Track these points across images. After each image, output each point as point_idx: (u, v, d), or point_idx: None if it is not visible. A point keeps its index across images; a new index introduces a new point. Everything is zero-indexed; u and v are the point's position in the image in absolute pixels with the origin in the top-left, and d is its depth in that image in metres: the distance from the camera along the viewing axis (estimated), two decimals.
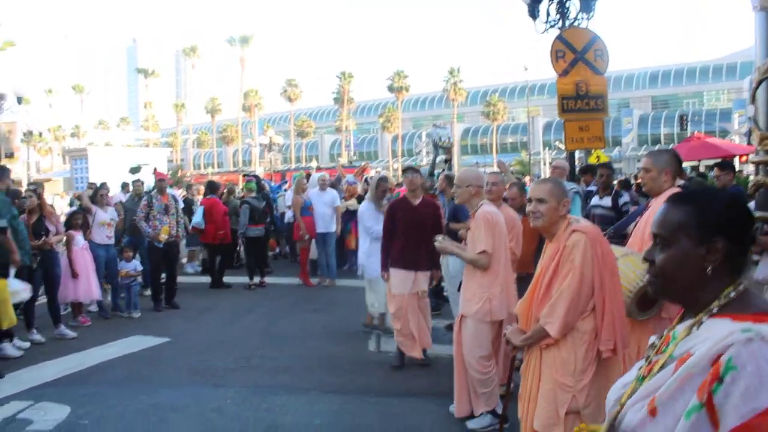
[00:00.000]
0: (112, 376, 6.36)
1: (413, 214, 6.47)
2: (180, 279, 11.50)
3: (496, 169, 11.43)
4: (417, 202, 6.55)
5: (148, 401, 5.50)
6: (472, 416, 4.77)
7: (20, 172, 36.70)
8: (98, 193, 9.54)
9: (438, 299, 9.20)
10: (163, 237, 9.47)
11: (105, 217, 9.24)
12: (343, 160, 54.20)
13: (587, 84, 9.08)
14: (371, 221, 7.80)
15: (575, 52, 9.07)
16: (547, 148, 53.81)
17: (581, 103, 9.13)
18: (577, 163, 10.44)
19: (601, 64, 9.17)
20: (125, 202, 10.78)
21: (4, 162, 24.11)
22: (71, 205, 15.04)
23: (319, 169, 26.56)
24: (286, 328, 8.30)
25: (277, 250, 15.37)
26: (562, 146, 15.57)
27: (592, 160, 16.29)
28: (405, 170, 7.02)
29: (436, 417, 5.06)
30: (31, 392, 5.75)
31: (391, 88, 70.70)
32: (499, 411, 4.48)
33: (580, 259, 3.20)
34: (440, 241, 5.01)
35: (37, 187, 8.65)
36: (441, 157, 14.46)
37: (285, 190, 15.44)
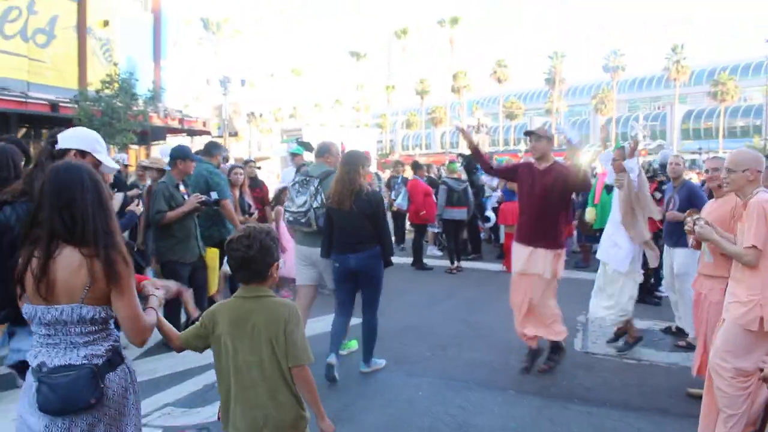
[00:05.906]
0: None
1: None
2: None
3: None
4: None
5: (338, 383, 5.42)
6: None
7: (243, 151, 39.88)
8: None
9: (651, 297, 8.40)
10: None
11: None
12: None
13: None
14: None
15: None
16: None
17: None
18: None
19: None
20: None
21: (230, 141, 26.15)
22: None
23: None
24: (485, 317, 7.89)
25: (483, 234, 14.90)
26: None
27: None
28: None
29: None
30: None
31: (606, 68, 67.27)
32: None
33: None
34: (701, 225, 4.19)
35: (246, 165, 9.02)
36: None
37: None
